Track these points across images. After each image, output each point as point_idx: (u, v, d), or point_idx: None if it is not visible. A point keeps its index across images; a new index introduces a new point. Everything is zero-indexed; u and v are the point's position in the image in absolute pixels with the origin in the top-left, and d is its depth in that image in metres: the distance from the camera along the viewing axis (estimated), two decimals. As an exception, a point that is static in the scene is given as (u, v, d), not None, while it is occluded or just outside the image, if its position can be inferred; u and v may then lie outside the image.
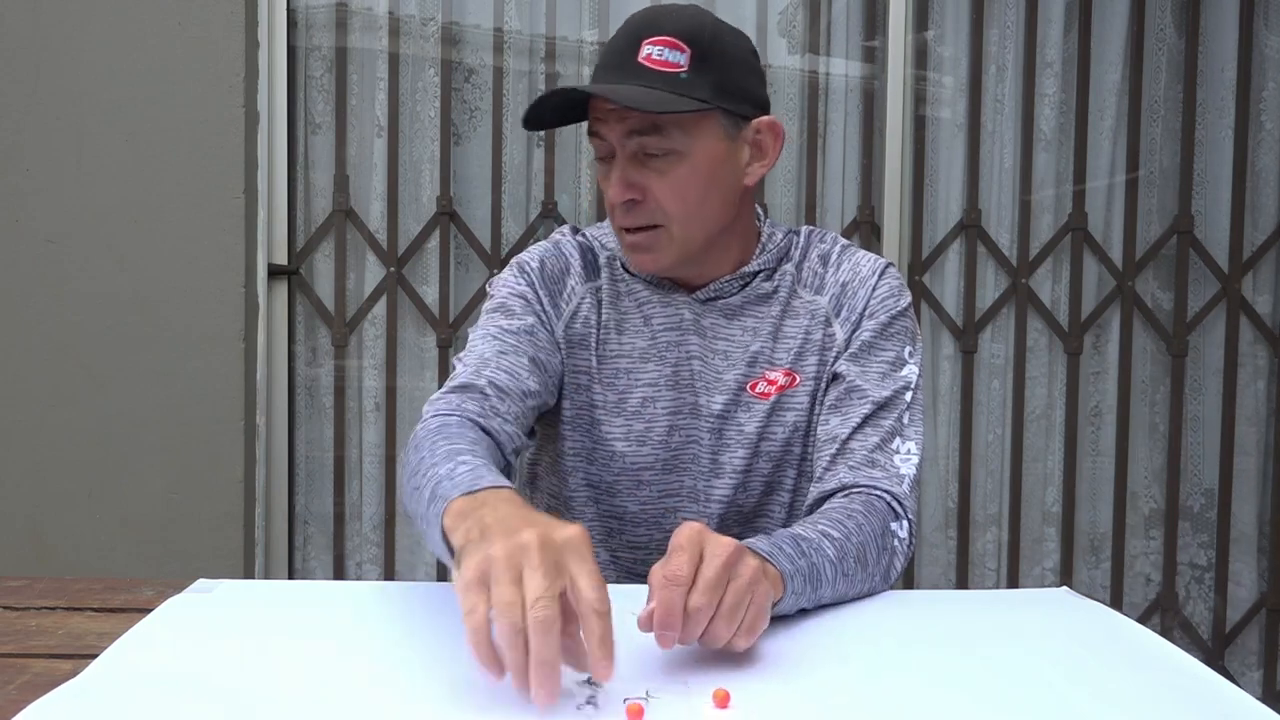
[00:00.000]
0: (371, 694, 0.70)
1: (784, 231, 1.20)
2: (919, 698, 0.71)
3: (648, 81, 1.05)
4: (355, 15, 2.29)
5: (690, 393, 1.14)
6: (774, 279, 1.17)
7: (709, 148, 1.08)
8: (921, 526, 2.38)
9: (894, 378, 1.12)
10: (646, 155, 1.07)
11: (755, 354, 1.14)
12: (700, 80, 1.05)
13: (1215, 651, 2.40)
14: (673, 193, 1.07)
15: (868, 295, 1.14)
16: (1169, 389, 2.38)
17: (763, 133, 1.12)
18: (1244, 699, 0.70)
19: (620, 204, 1.09)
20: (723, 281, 1.15)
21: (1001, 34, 2.35)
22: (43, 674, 0.75)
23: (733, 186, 1.11)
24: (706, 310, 1.15)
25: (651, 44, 1.05)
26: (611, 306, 1.17)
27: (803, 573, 0.88)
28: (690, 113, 1.05)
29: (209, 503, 2.14)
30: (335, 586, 1.01)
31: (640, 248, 1.11)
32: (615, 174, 1.08)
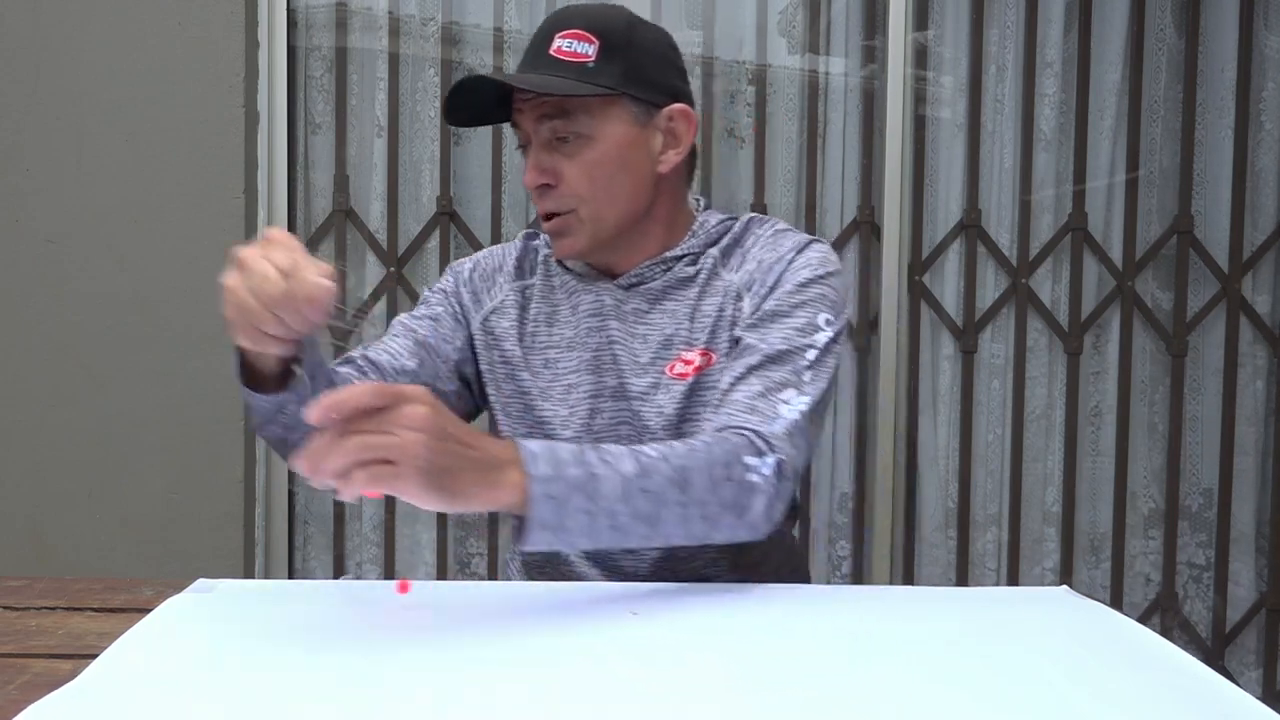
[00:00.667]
0: (372, 694, 0.70)
1: (720, 219, 1.21)
2: (918, 696, 0.71)
3: (555, 71, 1.11)
4: (355, 15, 2.29)
5: (613, 375, 1.16)
6: (698, 263, 1.18)
7: (617, 132, 1.12)
8: (921, 526, 2.38)
9: (797, 339, 1.09)
10: (557, 140, 1.12)
11: (671, 336, 1.16)
12: (608, 69, 1.11)
13: (1215, 651, 2.40)
14: (582, 175, 1.12)
15: (782, 269, 1.14)
16: (1169, 389, 2.38)
17: (675, 120, 1.16)
18: (1244, 699, 0.70)
19: (535, 189, 1.14)
20: (644, 266, 1.18)
21: (1001, 34, 2.35)
22: (43, 674, 0.75)
23: (645, 172, 1.15)
24: (630, 296, 1.18)
25: (562, 37, 1.12)
26: (543, 300, 1.22)
27: (570, 479, 0.87)
28: (592, 96, 1.10)
29: (209, 503, 2.14)
30: (334, 586, 1.01)
31: (557, 233, 1.15)
32: (529, 160, 1.15)
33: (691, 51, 2.32)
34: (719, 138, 2.33)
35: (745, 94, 2.34)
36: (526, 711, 0.67)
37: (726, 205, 2.34)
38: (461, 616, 0.89)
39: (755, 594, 0.99)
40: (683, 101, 1.16)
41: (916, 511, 2.38)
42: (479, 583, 1.16)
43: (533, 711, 0.67)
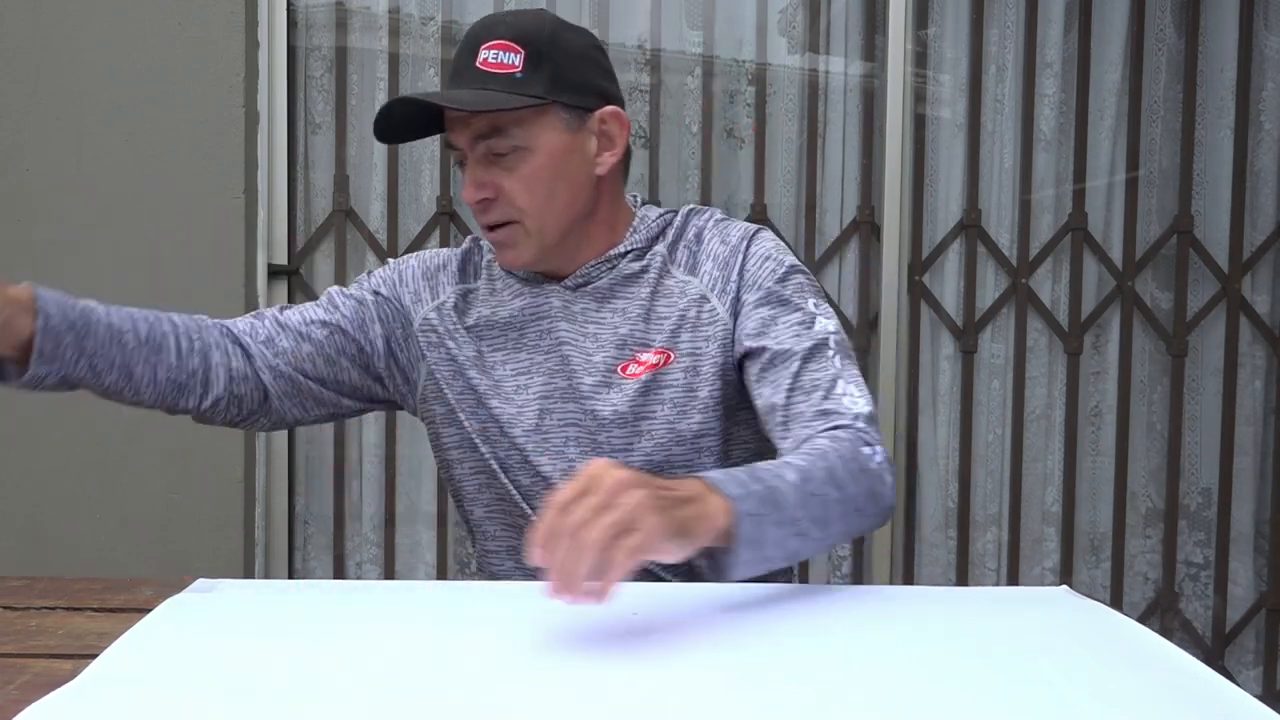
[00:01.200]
0: (372, 694, 0.70)
1: (659, 214, 1.22)
2: (918, 696, 0.71)
3: (484, 84, 1.10)
4: (355, 15, 2.29)
5: (562, 376, 1.16)
6: (644, 259, 1.19)
7: (551, 141, 1.12)
8: (921, 526, 2.38)
9: (810, 334, 1.11)
10: (494, 155, 1.12)
11: (625, 336, 1.16)
12: (535, 78, 1.11)
13: (1215, 651, 2.40)
14: (522, 188, 1.12)
15: (740, 264, 1.16)
16: (1168, 389, 2.38)
17: (608, 122, 1.16)
18: (1244, 699, 0.70)
19: (475, 204, 1.13)
20: (589, 266, 1.18)
21: (1001, 34, 2.35)
22: (43, 674, 0.75)
23: (583, 177, 1.15)
24: (577, 296, 1.18)
25: (488, 48, 1.11)
26: (486, 303, 1.21)
27: (757, 495, 0.88)
28: (524, 109, 1.10)
29: (209, 503, 2.14)
30: (335, 586, 1.01)
31: (501, 244, 1.15)
32: (467, 176, 1.14)
33: (691, 51, 2.32)
34: (719, 138, 2.33)
35: (745, 94, 2.34)
36: (526, 711, 0.67)
37: (726, 205, 2.34)
38: (461, 616, 0.90)
39: (755, 594, 0.99)
40: (612, 103, 1.16)
41: (916, 511, 2.38)
42: (479, 583, 1.16)
43: (532, 711, 0.67)
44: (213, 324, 1.17)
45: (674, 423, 1.14)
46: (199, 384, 1.14)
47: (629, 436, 1.14)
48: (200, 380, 1.14)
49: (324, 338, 1.20)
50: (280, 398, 1.18)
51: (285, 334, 1.19)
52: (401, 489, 2.33)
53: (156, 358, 1.11)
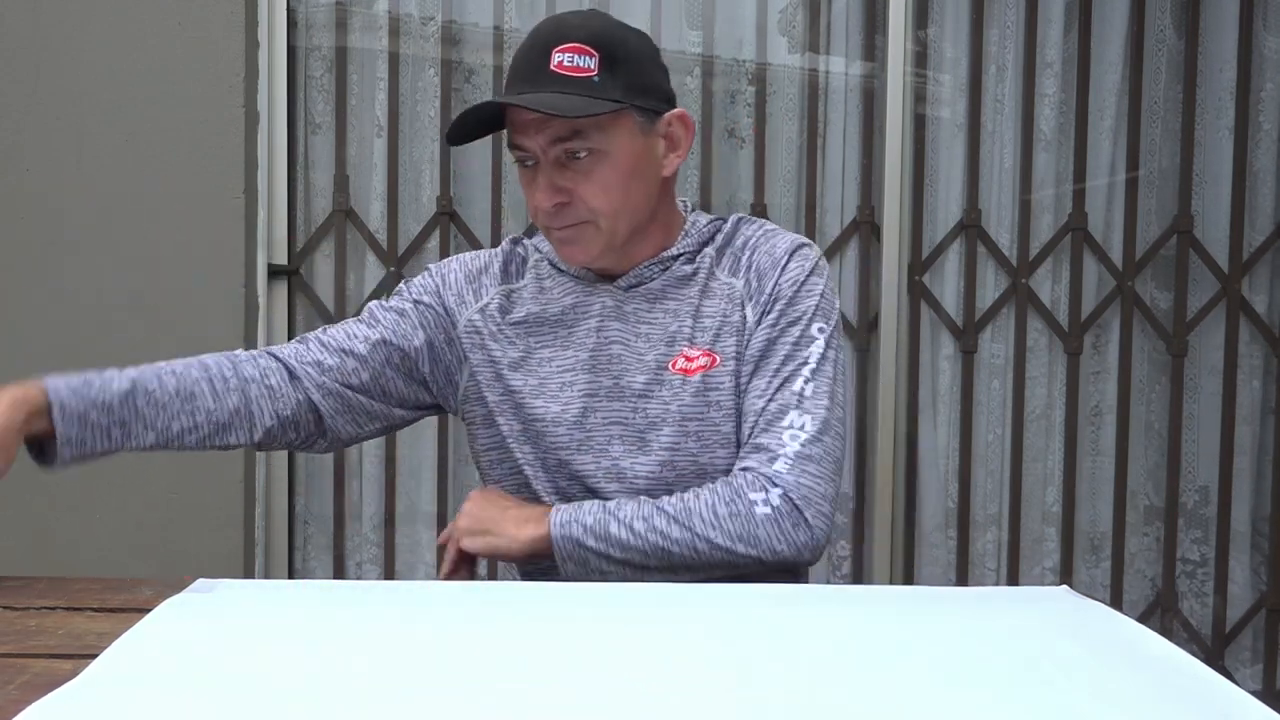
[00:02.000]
0: (372, 694, 0.70)
1: (709, 219, 1.25)
2: (918, 696, 0.71)
3: (562, 88, 1.10)
4: (355, 15, 2.29)
5: (608, 375, 1.18)
6: (694, 262, 1.21)
7: (627, 145, 1.14)
8: (921, 526, 2.38)
9: (796, 356, 1.15)
10: (569, 158, 1.12)
11: (674, 333, 1.18)
12: (612, 82, 1.12)
13: (1215, 650, 2.41)
14: (598, 191, 1.13)
15: (777, 275, 1.18)
16: (1168, 389, 2.38)
17: (674, 125, 1.18)
18: (1244, 699, 0.70)
19: (548, 209, 1.14)
20: (643, 267, 1.20)
21: (1001, 34, 2.35)
22: (43, 674, 0.75)
23: (653, 178, 1.17)
24: (629, 297, 1.20)
25: (561, 51, 1.11)
26: (533, 302, 1.23)
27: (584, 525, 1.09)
28: (607, 114, 1.11)
29: (209, 503, 2.14)
30: (335, 586, 1.01)
31: (569, 240, 1.16)
32: (541, 180, 1.14)
33: (691, 51, 2.32)
34: (719, 138, 2.34)
35: (745, 94, 2.34)
36: (525, 711, 0.68)
37: (726, 205, 2.34)
38: (461, 616, 0.90)
39: (754, 594, 0.99)
40: (674, 104, 1.19)
41: (916, 511, 2.38)
42: (479, 583, 1.16)
43: (532, 711, 0.67)
44: (251, 356, 1.19)
45: (720, 425, 1.16)
46: (243, 420, 1.16)
47: (677, 436, 1.16)
48: (244, 416, 1.16)
49: (367, 351, 1.20)
50: (333, 416, 1.20)
51: (329, 352, 1.20)
52: (401, 489, 2.33)
53: (192, 405, 1.13)
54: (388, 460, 2.32)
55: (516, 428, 1.20)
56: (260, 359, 1.19)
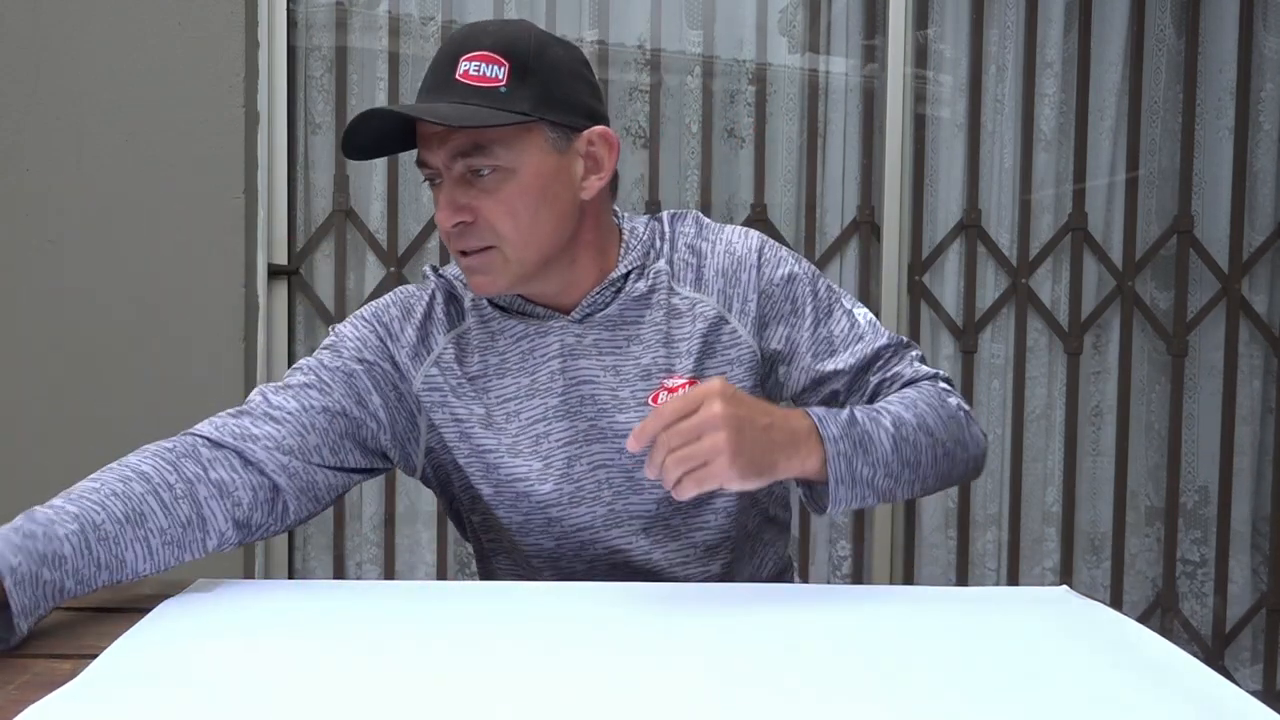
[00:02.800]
0: (372, 694, 0.70)
1: (644, 223, 1.16)
2: (917, 696, 0.71)
3: (465, 98, 1.01)
4: (355, 15, 2.29)
5: (584, 419, 1.10)
6: (647, 277, 1.12)
7: (536, 162, 1.04)
8: (922, 526, 2.38)
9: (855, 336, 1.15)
10: (473, 175, 1.03)
11: (648, 365, 1.10)
12: (520, 94, 1.02)
13: (1215, 651, 2.40)
14: (502, 211, 1.03)
15: (759, 283, 1.13)
16: (1168, 389, 2.38)
17: (595, 144, 1.08)
18: (1244, 699, 0.70)
19: (449, 229, 1.04)
20: (594, 294, 1.10)
21: (1001, 34, 2.35)
22: (43, 674, 0.75)
23: (568, 201, 1.07)
24: (587, 329, 1.11)
25: (469, 60, 1.02)
26: (487, 349, 1.12)
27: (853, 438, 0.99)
28: (509, 126, 1.01)
29: (209, 503, 2.13)
30: (335, 586, 1.01)
31: (475, 270, 1.06)
32: (442, 197, 1.04)
33: (691, 51, 2.32)
34: (719, 138, 2.33)
35: (745, 94, 2.34)
36: (525, 711, 0.67)
37: (726, 205, 2.34)
38: (460, 616, 0.89)
39: (753, 594, 0.99)
40: (599, 122, 1.09)
41: (916, 511, 2.38)
42: (479, 583, 1.16)
43: (531, 711, 0.67)
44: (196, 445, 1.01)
45: None
46: (196, 530, 0.98)
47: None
48: (197, 526, 0.98)
49: (326, 424, 1.06)
50: (295, 495, 1.04)
51: (285, 430, 1.04)
52: (401, 489, 2.33)
53: (144, 530, 0.94)
54: (388, 460, 2.31)
55: (488, 491, 1.11)
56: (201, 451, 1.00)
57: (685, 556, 1.13)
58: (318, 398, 1.07)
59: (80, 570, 0.89)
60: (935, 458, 1.05)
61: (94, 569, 0.90)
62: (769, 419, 0.95)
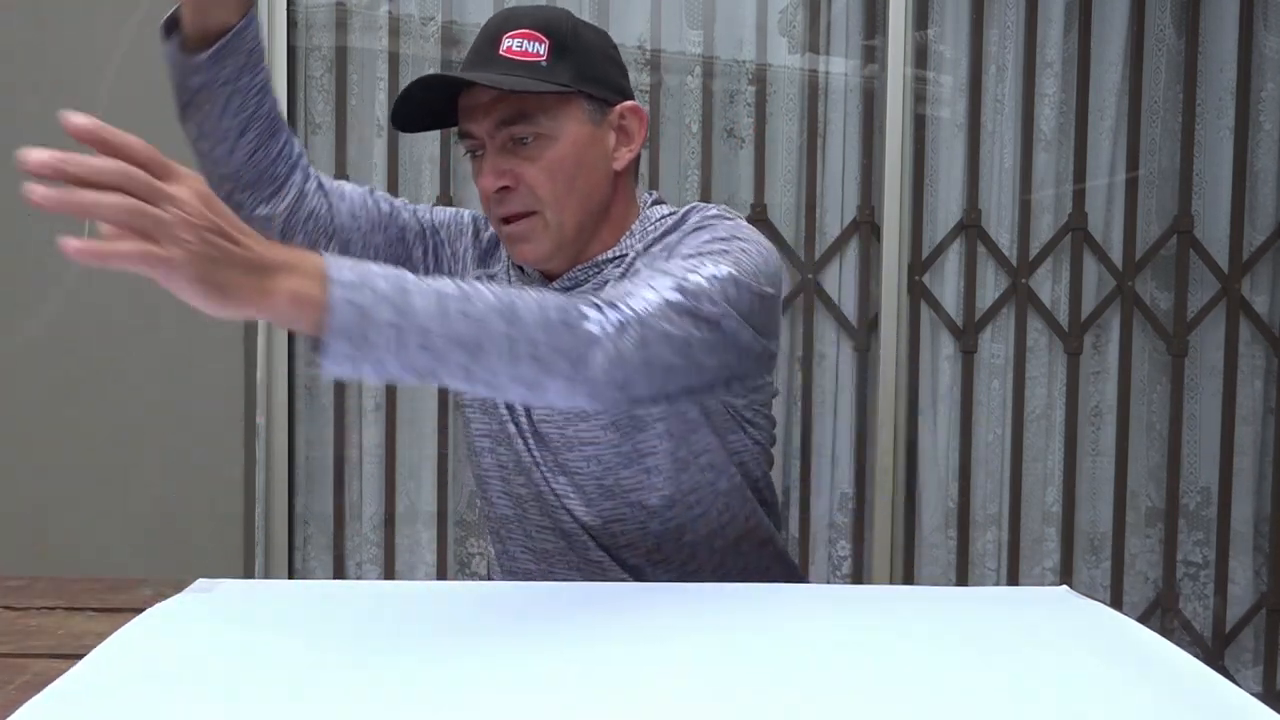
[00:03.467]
0: (371, 694, 0.70)
1: (667, 213, 1.19)
2: (918, 696, 0.71)
3: (509, 70, 1.09)
4: (355, 15, 2.29)
5: None
6: (625, 262, 1.16)
7: (575, 131, 1.12)
8: (922, 526, 2.38)
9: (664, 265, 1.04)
10: (515, 143, 1.10)
11: None
12: (560, 68, 1.10)
13: (1215, 651, 2.40)
14: (544, 176, 1.10)
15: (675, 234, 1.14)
16: (1168, 389, 2.38)
17: (626, 117, 1.16)
18: (1244, 699, 0.70)
19: (494, 194, 1.11)
20: (577, 270, 1.17)
21: (1001, 34, 2.35)
22: (43, 674, 0.75)
23: (602, 171, 1.15)
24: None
25: (511, 37, 1.10)
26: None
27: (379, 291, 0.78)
28: (552, 94, 1.09)
29: (209, 503, 2.14)
30: (335, 586, 1.01)
31: (518, 237, 1.13)
32: (486, 164, 1.12)
33: (691, 51, 2.32)
34: (719, 138, 2.33)
35: (745, 94, 2.34)
36: (525, 711, 0.67)
37: (726, 205, 2.33)
38: (460, 617, 0.89)
39: (755, 594, 0.99)
40: (628, 98, 1.17)
41: (916, 511, 2.38)
42: (478, 583, 1.16)
43: (531, 711, 0.67)
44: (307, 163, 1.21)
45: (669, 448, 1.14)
46: (268, 185, 1.16)
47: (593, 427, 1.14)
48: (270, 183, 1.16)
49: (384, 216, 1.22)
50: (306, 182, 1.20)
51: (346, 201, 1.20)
52: (401, 489, 2.33)
53: (270, 139, 1.15)
54: (388, 460, 2.32)
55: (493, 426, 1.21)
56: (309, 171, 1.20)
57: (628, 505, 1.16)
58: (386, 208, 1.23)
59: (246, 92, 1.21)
60: (511, 353, 0.85)
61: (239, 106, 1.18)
62: (246, 237, 0.77)
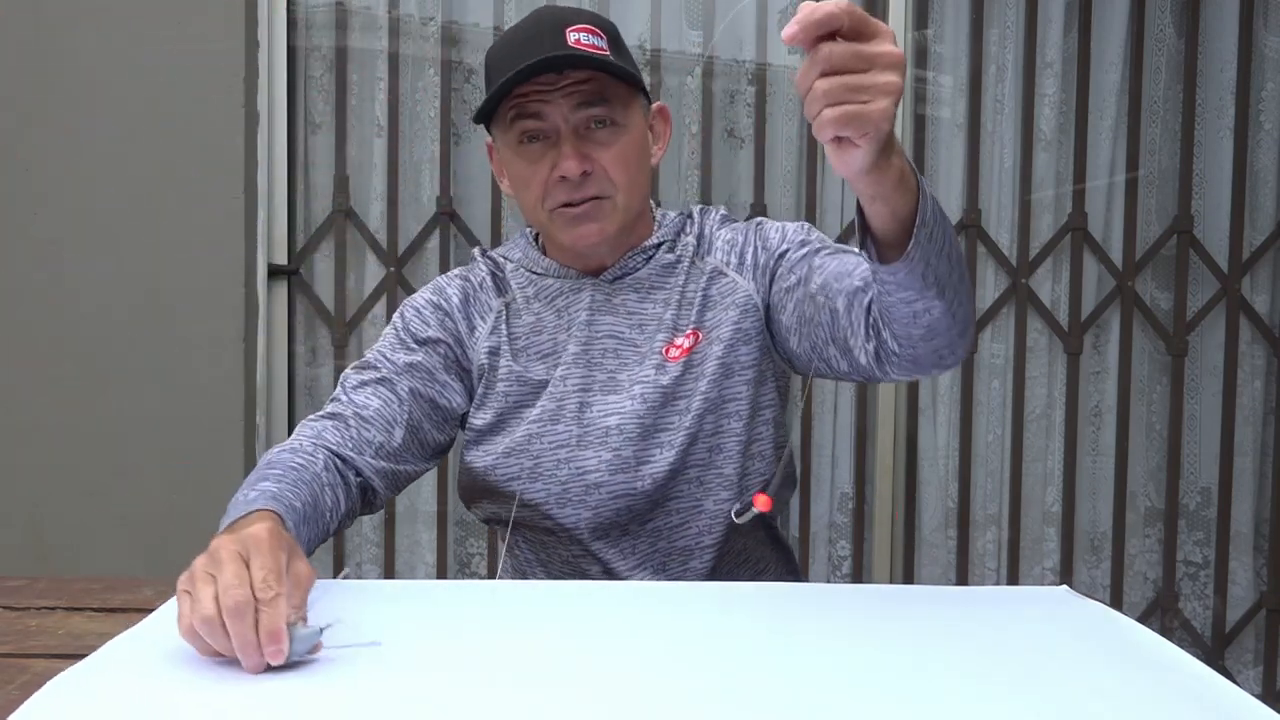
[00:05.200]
0: (371, 693, 0.70)
1: (674, 212, 1.26)
2: (918, 696, 0.71)
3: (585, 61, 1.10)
4: (355, 15, 2.29)
5: (601, 370, 1.17)
6: (676, 249, 1.21)
7: (638, 123, 1.16)
8: (922, 526, 2.38)
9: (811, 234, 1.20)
10: (588, 129, 1.12)
11: (666, 321, 1.18)
12: (622, 63, 1.13)
13: (1215, 651, 2.40)
14: (619, 162, 1.13)
15: (755, 239, 1.21)
16: (1168, 389, 2.38)
17: (656, 117, 1.21)
18: (1244, 699, 0.70)
19: (575, 178, 1.12)
20: (626, 259, 1.20)
21: (1001, 34, 2.35)
22: (43, 674, 0.75)
23: (649, 162, 1.19)
24: (616, 289, 1.19)
25: (576, 31, 1.11)
26: (526, 310, 1.21)
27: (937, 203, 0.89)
28: (626, 84, 1.13)
29: (209, 503, 2.12)
30: (335, 585, 1.01)
31: (586, 216, 1.14)
32: (566, 148, 1.12)
33: (691, 51, 2.32)
34: (719, 138, 2.33)
35: (745, 94, 2.34)
36: (525, 711, 0.67)
37: (726, 205, 2.34)
38: (460, 616, 0.90)
39: (755, 594, 0.99)
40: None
41: (916, 511, 2.38)
42: (478, 582, 1.16)
43: (531, 711, 0.67)
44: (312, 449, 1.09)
45: (706, 392, 1.15)
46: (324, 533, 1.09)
47: (670, 415, 1.15)
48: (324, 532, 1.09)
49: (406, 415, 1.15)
50: (384, 489, 1.15)
51: (376, 429, 1.14)
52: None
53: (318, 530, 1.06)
54: (388, 460, 2.31)
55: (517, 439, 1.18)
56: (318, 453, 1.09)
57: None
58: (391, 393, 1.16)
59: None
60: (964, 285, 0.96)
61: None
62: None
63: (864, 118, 0.75)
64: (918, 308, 0.92)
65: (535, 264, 1.22)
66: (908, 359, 0.98)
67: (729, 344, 1.16)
